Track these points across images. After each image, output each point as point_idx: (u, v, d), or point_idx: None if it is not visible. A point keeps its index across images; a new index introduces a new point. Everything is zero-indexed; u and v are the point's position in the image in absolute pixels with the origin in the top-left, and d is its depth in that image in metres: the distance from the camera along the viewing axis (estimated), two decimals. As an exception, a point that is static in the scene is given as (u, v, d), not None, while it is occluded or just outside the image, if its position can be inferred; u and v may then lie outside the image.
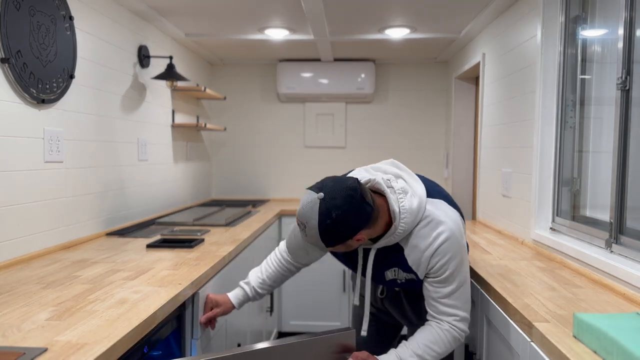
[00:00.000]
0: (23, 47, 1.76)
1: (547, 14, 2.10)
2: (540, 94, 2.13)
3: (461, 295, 1.44)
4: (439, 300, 1.44)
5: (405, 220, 1.36)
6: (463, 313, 1.45)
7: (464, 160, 3.75)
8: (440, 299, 1.44)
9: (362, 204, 1.29)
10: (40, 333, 1.10)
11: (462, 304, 1.45)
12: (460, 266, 1.41)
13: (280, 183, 4.23)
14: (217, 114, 4.22)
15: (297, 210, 1.34)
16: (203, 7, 2.70)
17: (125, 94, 2.59)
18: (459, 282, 1.42)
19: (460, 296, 1.44)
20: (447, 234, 1.37)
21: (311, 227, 1.29)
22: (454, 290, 1.42)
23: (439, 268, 1.39)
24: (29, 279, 1.56)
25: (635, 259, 1.53)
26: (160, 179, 3.07)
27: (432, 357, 1.43)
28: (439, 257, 1.38)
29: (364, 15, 2.81)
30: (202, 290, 1.69)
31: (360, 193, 1.29)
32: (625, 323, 1.06)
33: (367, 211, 1.29)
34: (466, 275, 1.45)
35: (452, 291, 1.42)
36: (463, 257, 1.42)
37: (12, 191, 1.75)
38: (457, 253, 1.39)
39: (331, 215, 1.26)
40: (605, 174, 1.80)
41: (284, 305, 3.61)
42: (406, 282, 1.49)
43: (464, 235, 1.46)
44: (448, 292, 1.42)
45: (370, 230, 1.35)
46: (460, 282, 1.42)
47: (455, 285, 1.42)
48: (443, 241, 1.37)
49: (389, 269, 1.48)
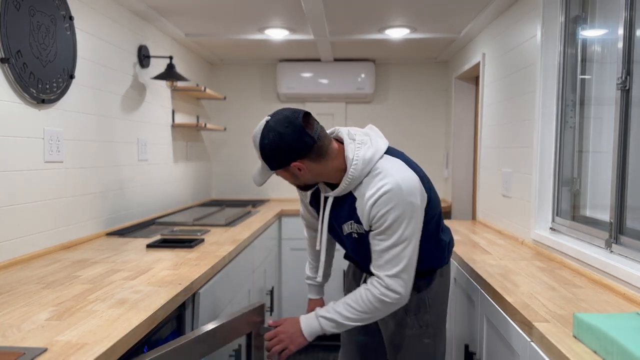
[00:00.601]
0: (23, 47, 1.76)
1: (547, 14, 2.10)
2: (540, 94, 2.13)
3: (400, 253, 1.40)
4: (376, 253, 1.42)
5: (355, 167, 1.41)
6: (395, 269, 1.40)
7: (464, 160, 3.75)
8: (378, 252, 1.42)
9: (300, 132, 1.35)
10: (40, 333, 1.10)
11: (398, 262, 1.40)
12: (401, 221, 1.38)
13: (281, 183, 4.23)
14: (217, 114, 4.22)
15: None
16: (203, 7, 2.70)
17: (125, 94, 2.59)
18: (398, 238, 1.39)
19: (399, 254, 1.40)
20: (390, 186, 1.37)
21: (255, 146, 1.42)
22: (392, 246, 1.39)
23: (379, 218, 1.38)
24: (29, 279, 1.56)
25: (635, 259, 1.53)
26: (160, 179, 3.07)
27: (352, 314, 1.44)
28: (379, 207, 1.37)
29: (364, 15, 2.81)
30: (202, 290, 1.69)
31: (301, 122, 1.36)
32: (625, 323, 1.06)
33: (304, 140, 1.36)
34: (409, 236, 1.40)
35: (390, 246, 1.40)
36: (407, 215, 1.38)
37: (12, 191, 1.75)
38: (398, 206, 1.37)
39: (269, 136, 1.37)
40: (605, 174, 1.80)
41: (284, 305, 3.61)
42: (359, 237, 1.49)
43: (418, 198, 1.40)
44: (385, 247, 1.40)
45: (315, 165, 1.41)
46: (400, 239, 1.39)
47: (394, 240, 1.39)
48: (385, 192, 1.37)
49: (346, 222, 1.50)
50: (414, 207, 1.39)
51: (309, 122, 1.39)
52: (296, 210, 3.54)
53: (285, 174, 1.46)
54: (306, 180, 1.48)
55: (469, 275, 1.87)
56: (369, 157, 1.42)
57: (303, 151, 1.38)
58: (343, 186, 1.44)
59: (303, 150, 1.38)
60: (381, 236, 1.41)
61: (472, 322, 1.81)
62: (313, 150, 1.39)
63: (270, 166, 1.43)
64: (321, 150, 1.40)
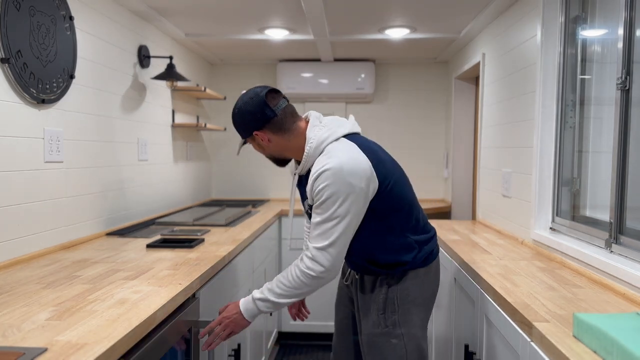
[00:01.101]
0: (23, 47, 1.76)
1: (547, 14, 2.10)
2: (540, 94, 2.13)
3: (331, 229, 1.45)
4: (312, 226, 1.49)
5: (310, 145, 1.53)
6: (324, 243, 1.46)
7: (464, 160, 3.75)
8: (313, 225, 1.48)
9: (262, 104, 1.52)
10: (40, 333, 1.10)
11: (328, 236, 1.46)
12: (336, 199, 1.44)
13: (280, 183, 4.23)
14: (217, 114, 4.22)
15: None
16: (203, 7, 2.70)
17: (126, 94, 2.59)
18: (331, 214, 1.45)
19: (330, 229, 1.45)
20: (331, 165, 1.44)
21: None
22: (325, 220, 1.46)
23: (317, 193, 1.46)
24: (29, 279, 1.56)
25: (635, 259, 1.53)
26: (160, 179, 3.07)
27: (283, 291, 1.51)
28: (318, 183, 1.46)
29: (364, 15, 2.81)
30: (202, 290, 1.69)
31: (264, 96, 1.52)
32: (625, 323, 1.06)
33: (264, 112, 1.52)
34: (343, 215, 1.45)
35: (323, 220, 1.46)
36: (343, 194, 1.43)
37: (12, 191, 1.75)
38: (335, 184, 1.43)
39: (237, 106, 1.57)
40: (605, 174, 1.80)
41: (284, 305, 3.61)
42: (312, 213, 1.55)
43: (363, 181, 1.45)
44: (319, 221, 1.47)
45: (276, 137, 1.56)
46: (332, 215, 1.45)
47: (327, 215, 1.45)
48: (325, 169, 1.45)
49: (305, 199, 1.61)
50: (353, 188, 1.44)
51: (273, 97, 1.55)
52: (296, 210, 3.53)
53: (254, 144, 1.62)
54: (271, 152, 1.62)
55: (469, 275, 1.87)
56: (323, 138, 1.53)
57: (262, 121, 1.54)
58: (302, 163, 1.57)
59: (262, 120, 1.53)
60: (317, 210, 1.48)
61: (472, 322, 1.81)
62: (272, 122, 1.54)
63: (240, 134, 1.60)
64: (281, 124, 1.55)
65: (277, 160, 1.68)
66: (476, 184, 3.21)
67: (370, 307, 1.60)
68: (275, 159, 1.68)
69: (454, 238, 2.44)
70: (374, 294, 1.61)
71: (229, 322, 1.56)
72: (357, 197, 1.45)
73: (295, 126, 1.57)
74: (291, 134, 1.57)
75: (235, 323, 1.57)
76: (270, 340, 3.26)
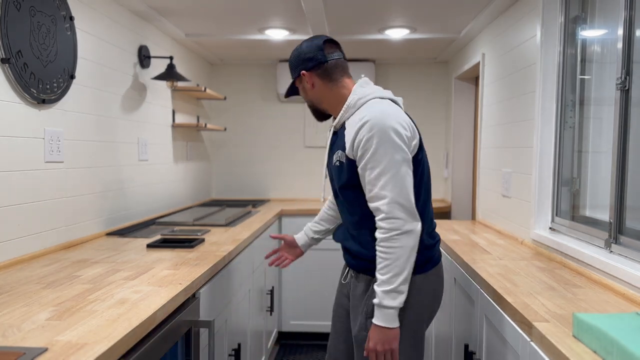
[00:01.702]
0: (23, 47, 1.76)
1: (547, 14, 2.10)
2: (540, 94, 2.13)
3: (393, 177, 1.42)
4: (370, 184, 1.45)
5: (352, 97, 1.56)
6: (392, 194, 1.42)
7: (464, 160, 3.75)
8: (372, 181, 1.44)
9: (317, 49, 1.60)
10: (40, 333, 1.11)
11: (393, 186, 1.42)
12: (387, 148, 1.43)
13: (280, 183, 4.24)
14: (217, 114, 4.22)
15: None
16: (203, 7, 2.70)
17: (126, 94, 2.60)
18: (388, 162, 1.43)
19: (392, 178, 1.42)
20: (375, 114, 1.46)
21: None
22: (382, 173, 1.43)
23: (363, 145, 1.45)
24: (29, 279, 1.56)
25: (634, 258, 1.53)
26: (161, 179, 3.07)
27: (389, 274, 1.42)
28: (364, 132, 1.45)
29: (364, 15, 2.81)
30: (202, 290, 1.69)
31: (321, 42, 1.61)
32: (625, 323, 1.06)
33: (317, 55, 1.60)
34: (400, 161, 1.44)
35: (380, 173, 1.43)
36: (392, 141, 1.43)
37: (12, 191, 1.76)
38: (383, 133, 1.43)
39: (296, 47, 1.67)
40: (605, 174, 1.80)
41: (284, 305, 3.61)
42: (340, 166, 1.56)
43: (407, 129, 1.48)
44: (377, 173, 1.43)
45: (320, 82, 1.61)
46: (390, 164, 1.43)
47: (383, 167, 1.43)
48: (370, 119, 1.45)
49: (336, 152, 1.60)
50: (400, 135, 1.45)
51: (330, 46, 1.62)
52: (296, 210, 3.54)
53: (300, 87, 1.69)
54: (312, 99, 1.67)
55: (468, 275, 1.87)
56: (367, 93, 1.56)
57: (312, 62, 1.60)
58: (341, 114, 1.59)
59: (312, 61, 1.60)
60: (371, 164, 1.45)
61: (472, 322, 1.82)
62: (321, 67, 1.60)
63: (291, 75, 1.70)
64: (329, 73, 1.60)
65: (316, 111, 1.71)
66: (476, 184, 3.21)
67: (360, 310, 1.57)
68: (315, 110, 1.70)
69: (454, 238, 2.44)
70: (365, 297, 1.57)
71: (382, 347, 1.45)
72: (404, 144, 1.46)
73: (342, 80, 1.61)
74: (335, 85, 1.61)
75: (387, 341, 1.45)
76: (270, 340, 3.26)
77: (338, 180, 1.59)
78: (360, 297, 1.60)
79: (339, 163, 1.56)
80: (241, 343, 2.33)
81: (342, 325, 1.76)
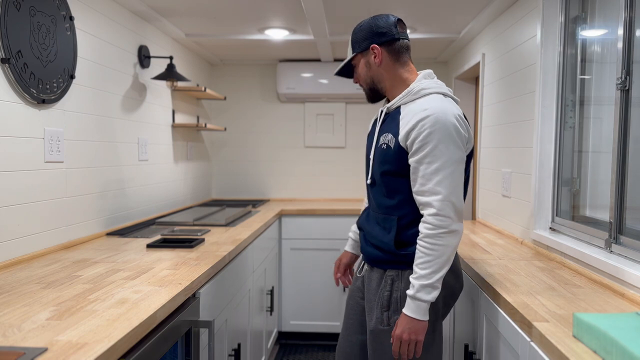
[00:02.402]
0: (23, 47, 1.77)
1: (547, 14, 2.10)
2: (540, 94, 2.13)
3: (450, 175, 1.44)
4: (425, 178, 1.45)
5: (416, 84, 1.55)
6: (446, 191, 1.43)
7: (464, 160, 3.74)
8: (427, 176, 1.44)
9: (392, 25, 1.58)
10: (40, 333, 1.11)
11: (448, 184, 1.43)
12: (447, 143, 1.44)
13: (280, 183, 4.24)
14: (217, 114, 4.22)
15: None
16: (203, 7, 2.70)
17: (126, 94, 2.60)
18: (447, 159, 1.44)
19: (448, 176, 1.44)
20: (437, 110, 1.46)
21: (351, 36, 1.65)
22: (439, 169, 1.44)
23: (422, 139, 1.44)
24: (29, 279, 1.56)
25: (634, 259, 1.53)
26: (161, 179, 3.07)
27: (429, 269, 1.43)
28: (424, 126, 1.44)
29: (364, 15, 2.81)
30: (202, 290, 1.69)
31: (395, 19, 1.59)
32: (625, 323, 1.06)
33: (391, 30, 1.58)
34: (458, 160, 1.46)
35: (437, 169, 1.44)
36: (452, 139, 1.44)
37: (12, 191, 1.76)
38: (444, 130, 1.44)
39: (365, 20, 1.62)
40: (605, 174, 1.80)
41: (284, 305, 3.61)
42: (386, 149, 1.55)
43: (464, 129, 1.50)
44: (433, 170, 1.44)
45: (388, 59, 1.58)
46: (448, 161, 1.44)
47: (440, 163, 1.43)
48: (431, 114, 1.45)
49: (384, 134, 1.59)
50: (459, 134, 1.46)
51: (402, 26, 1.61)
52: (296, 210, 3.54)
53: (361, 62, 1.62)
54: (373, 77, 1.62)
55: (469, 275, 1.87)
56: (430, 85, 1.55)
57: (386, 37, 1.57)
58: (399, 97, 1.57)
59: (386, 35, 1.57)
60: (428, 158, 1.44)
61: (472, 322, 1.82)
62: (393, 44, 1.58)
63: (355, 46, 1.62)
64: (398, 52, 1.58)
65: (372, 90, 1.66)
66: (476, 184, 3.21)
67: (375, 303, 1.59)
68: (371, 89, 1.66)
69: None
70: (380, 290, 1.59)
71: (408, 336, 1.46)
72: (463, 144, 1.48)
73: (407, 63, 1.60)
74: (401, 66, 1.59)
75: (414, 331, 1.46)
76: (270, 340, 3.26)
77: (382, 164, 1.57)
78: (375, 291, 1.61)
79: (386, 146, 1.55)
80: (241, 343, 2.33)
81: (356, 318, 1.77)
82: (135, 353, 1.18)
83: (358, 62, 1.64)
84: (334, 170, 4.19)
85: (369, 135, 1.73)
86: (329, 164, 4.19)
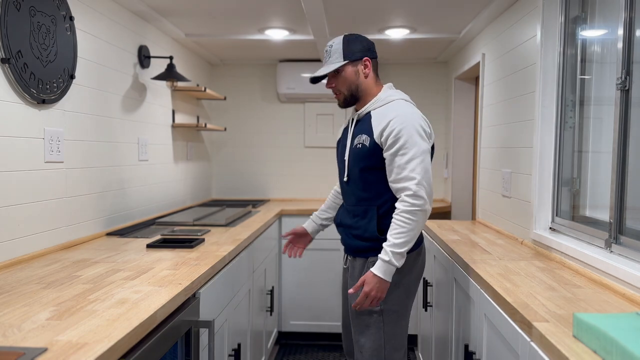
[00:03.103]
0: (23, 47, 1.77)
1: (547, 14, 2.10)
2: (540, 94, 2.13)
3: (420, 164, 1.70)
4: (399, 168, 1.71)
5: (383, 93, 1.87)
6: (419, 177, 1.69)
7: (464, 160, 3.75)
8: (402, 165, 1.71)
9: (373, 45, 1.89)
10: (40, 333, 1.11)
11: (420, 170, 1.70)
12: (416, 138, 1.72)
13: (280, 183, 4.24)
14: (217, 114, 4.22)
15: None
16: (203, 7, 2.70)
17: (126, 94, 2.60)
18: (417, 151, 1.71)
19: (420, 164, 1.70)
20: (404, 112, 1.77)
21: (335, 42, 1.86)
22: (411, 159, 1.70)
23: (393, 136, 1.71)
24: (29, 279, 1.56)
25: (635, 259, 1.53)
26: (161, 179, 3.07)
27: (402, 238, 1.69)
28: (394, 125, 1.72)
29: (364, 15, 2.81)
30: (202, 290, 1.69)
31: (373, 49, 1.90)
32: (625, 323, 1.06)
33: (374, 50, 1.90)
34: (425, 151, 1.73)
35: (410, 159, 1.70)
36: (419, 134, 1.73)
37: (12, 191, 1.76)
38: (412, 126, 1.72)
39: (355, 35, 1.88)
40: (605, 174, 1.80)
41: (284, 305, 3.61)
42: (361, 148, 1.81)
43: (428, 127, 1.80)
44: (407, 159, 1.70)
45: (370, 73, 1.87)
46: (418, 152, 1.71)
47: (412, 154, 1.70)
48: (400, 114, 1.75)
49: (358, 135, 1.83)
50: (424, 129, 1.75)
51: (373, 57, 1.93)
52: (296, 210, 3.54)
53: (350, 70, 1.84)
54: (358, 85, 1.86)
55: (468, 275, 1.87)
56: (394, 94, 1.86)
57: (373, 54, 1.88)
58: (369, 104, 1.85)
59: (373, 53, 1.88)
60: (402, 150, 1.71)
61: (472, 322, 1.82)
62: (375, 61, 1.90)
63: (347, 54, 1.82)
64: (376, 67, 1.90)
65: (352, 96, 1.88)
66: (476, 184, 3.21)
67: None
68: (352, 95, 1.88)
69: (453, 238, 2.44)
70: (362, 274, 1.83)
71: (375, 293, 1.71)
72: (428, 138, 1.76)
73: (378, 77, 1.93)
74: (377, 79, 1.91)
75: (380, 289, 1.72)
76: (270, 340, 3.26)
77: (359, 162, 1.82)
78: (358, 275, 1.87)
79: (361, 145, 1.80)
80: (241, 343, 2.33)
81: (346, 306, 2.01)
82: (135, 353, 1.18)
83: (345, 69, 1.84)
84: (334, 170, 4.18)
85: (339, 141, 1.99)
86: (329, 164, 4.19)
